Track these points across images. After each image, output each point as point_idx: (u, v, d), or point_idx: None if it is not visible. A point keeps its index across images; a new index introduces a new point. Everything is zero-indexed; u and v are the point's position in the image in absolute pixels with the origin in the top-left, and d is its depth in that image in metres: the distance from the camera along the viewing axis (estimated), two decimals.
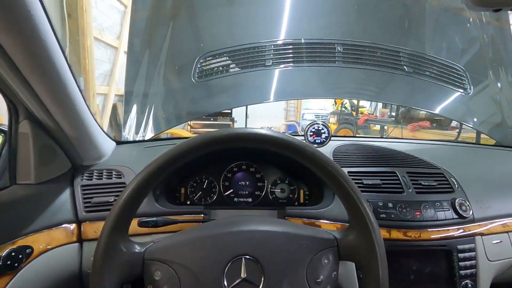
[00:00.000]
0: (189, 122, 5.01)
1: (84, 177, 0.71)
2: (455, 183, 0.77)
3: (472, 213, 0.71)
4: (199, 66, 1.16)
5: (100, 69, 3.72)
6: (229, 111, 4.90)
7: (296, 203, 0.82)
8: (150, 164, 0.44)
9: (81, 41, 3.09)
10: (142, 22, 1.18)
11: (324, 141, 0.77)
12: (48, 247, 0.58)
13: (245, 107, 5.50)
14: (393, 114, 4.43)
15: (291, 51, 1.19)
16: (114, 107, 3.90)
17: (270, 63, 1.16)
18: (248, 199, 0.81)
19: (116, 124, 3.91)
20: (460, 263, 0.68)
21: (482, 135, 1.73)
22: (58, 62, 0.51)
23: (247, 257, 0.43)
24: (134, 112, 1.15)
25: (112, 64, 3.98)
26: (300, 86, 1.20)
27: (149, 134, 1.14)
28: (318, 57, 1.18)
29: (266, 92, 1.18)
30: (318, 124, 0.76)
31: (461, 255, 0.69)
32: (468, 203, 0.72)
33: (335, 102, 7.25)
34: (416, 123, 2.78)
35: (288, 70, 1.18)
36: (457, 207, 0.70)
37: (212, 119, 4.84)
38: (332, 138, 0.86)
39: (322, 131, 0.76)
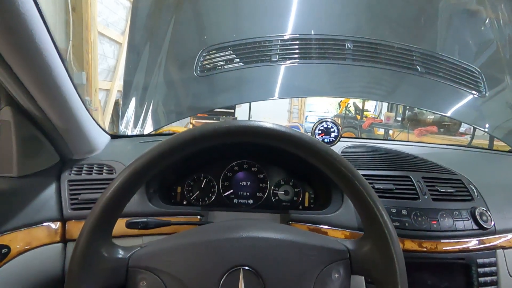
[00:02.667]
0: (191, 120, 4.97)
1: (73, 172, 0.65)
2: (474, 190, 0.71)
3: (494, 224, 0.65)
4: (201, 59, 1.11)
5: (104, 64, 3.69)
6: (232, 110, 4.85)
7: (300, 207, 0.76)
8: (141, 156, 0.38)
9: (84, 35, 3.06)
10: (144, 11, 1.13)
11: (333, 141, 0.71)
12: (27, 247, 0.53)
13: (248, 106, 5.46)
14: (398, 118, 4.36)
15: (298, 46, 1.13)
16: (117, 103, 3.86)
17: (276, 59, 1.11)
18: (249, 201, 0.76)
19: (118, 120, 3.88)
20: (479, 279, 0.62)
21: (496, 141, 1.67)
22: (43, 43, 0.46)
23: (246, 268, 0.37)
24: (133, 105, 1.10)
25: (116, 60, 3.94)
26: (306, 84, 1.15)
27: (148, 129, 1.09)
28: (326, 53, 1.13)
29: (270, 88, 1.13)
30: (328, 121, 0.71)
31: (480, 269, 0.63)
32: (489, 212, 0.66)
33: (339, 105, 7.18)
34: (423, 128, 2.70)
35: (294, 66, 1.13)
36: (478, 217, 0.64)
37: (214, 118, 4.79)
38: (341, 139, 0.80)
39: (332, 129, 0.71)
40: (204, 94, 1.13)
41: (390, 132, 4.13)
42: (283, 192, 0.76)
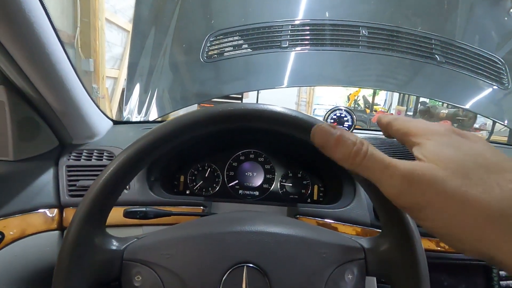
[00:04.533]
0: (198, 108, 4.95)
1: (72, 157, 0.62)
2: None
3: None
4: (208, 45, 1.07)
5: (111, 52, 3.66)
6: (239, 101, 4.80)
7: (308, 200, 0.72)
8: (138, 140, 0.35)
9: (92, 22, 3.03)
10: None
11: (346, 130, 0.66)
12: (22, 234, 0.51)
13: (255, 98, 5.40)
14: (409, 113, 4.25)
15: (309, 32, 1.07)
16: (124, 91, 3.85)
17: (287, 45, 1.05)
18: (254, 192, 0.72)
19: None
20: (501, 282, 0.58)
21: None
22: (34, 15, 0.42)
23: (251, 265, 0.34)
24: (137, 91, 1.07)
25: (124, 48, 3.91)
26: (317, 72, 1.09)
27: (153, 115, 1.06)
28: (339, 40, 1.07)
29: (280, 76, 1.08)
30: (341, 110, 0.66)
31: (502, 272, 0.58)
32: None
33: (348, 98, 7.06)
34: (436, 123, 2.61)
35: (305, 53, 1.07)
36: None
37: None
38: (353, 131, 0.76)
39: (345, 118, 0.66)
40: (210, 81, 1.09)
41: None
42: (290, 184, 0.72)
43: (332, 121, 0.66)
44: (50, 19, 0.46)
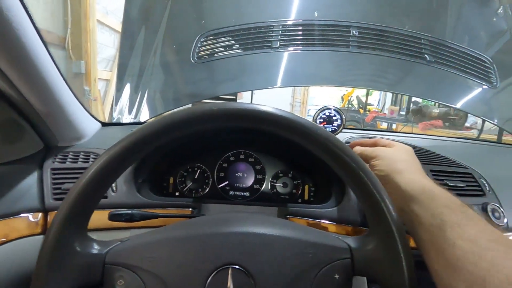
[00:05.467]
0: None
1: (57, 160, 0.61)
2: (486, 185, 0.66)
3: (507, 221, 0.61)
4: (199, 45, 1.06)
5: (104, 53, 3.63)
6: (233, 99, 4.79)
7: (299, 200, 0.72)
8: (122, 140, 0.34)
9: (83, 23, 3.00)
10: None
11: (335, 130, 0.66)
12: (5, 239, 0.49)
13: (249, 99, 5.40)
14: (402, 112, 4.28)
15: (300, 32, 1.08)
16: None
17: (277, 45, 1.05)
18: (245, 193, 0.71)
19: None
20: None
21: (504, 135, 1.61)
22: (16, 18, 0.41)
23: (236, 267, 0.33)
24: (127, 91, 1.06)
25: (116, 49, 3.88)
26: (309, 72, 1.09)
27: (143, 117, 1.05)
28: (330, 40, 1.07)
29: (271, 76, 1.08)
30: (330, 109, 0.66)
31: None
32: (502, 209, 0.61)
33: (342, 98, 7.10)
34: (428, 122, 2.64)
35: (296, 53, 1.07)
36: (490, 214, 0.59)
37: None
38: (343, 130, 0.75)
39: (334, 117, 0.66)
40: (201, 82, 1.08)
41: (394, 126, 4.07)
42: (281, 185, 0.71)
43: (321, 120, 0.66)
44: (31, 17, 0.45)
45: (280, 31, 1.07)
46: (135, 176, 0.60)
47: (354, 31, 1.08)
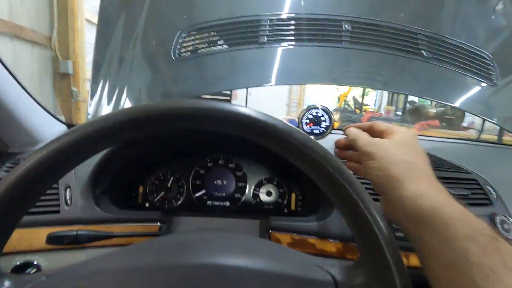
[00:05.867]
0: None
1: (4, 168, 0.53)
2: (493, 192, 0.59)
3: None
4: (180, 41, 0.98)
5: (93, 53, 3.52)
6: (228, 100, 4.71)
7: (285, 210, 0.65)
8: (51, 142, 0.27)
9: (70, 22, 2.90)
10: None
11: (323, 132, 0.59)
12: None
13: (245, 98, 5.32)
14: (399, 112, 4.24)
15: (289, 27, 1.00)
16: None
17: (265, 40, 0.98)
18: (225, 203, 0.64)
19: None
20: None
21: (505, 135, 1.56)
22: None
23: None
24: (102, 90, 0.98)
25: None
26: (298, 69, 1.02)
27: None
28: (321, 35, 1.00)
29: (258, 74, 1.00)
30: (317, 108, 0.59)
31: None
32: (511, 220, 0.54)
33: (338, 99, 7.07)
34: (424, 122, 2.59)
35: (285, 49, 1.00)
36: (498, 226, 0.52)
37: None
38: (333, 131, 0.68)
39: (322, 118, 0.59)
40: (183, 80, 1.00)
41: None
42: (265, 193, 0.64)
43: (308, 121, 0.59)
44: None
45: (267, 26, 1.00)
46: (94, 187, 0.52)
47: (346, 26, 1.01)
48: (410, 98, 3.65)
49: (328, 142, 0.67)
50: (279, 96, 8.79)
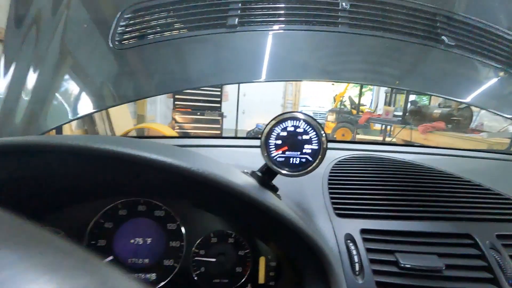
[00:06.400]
0: (173, 116, 4.61)
1: None
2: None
3: None
4: (122, 24, 0.73)
5: None
6: (218, 104, 4.47)
7: (248, 287, 0.39)
8: None
9: None
10: None
11: (307, 164, 0.34)
12: None
13: (236, 100, 5.06)
14: (396, 113, 4.01)
15: (268, 5, 0.75)
16: None
17: (235, 22, 0.73)
18: (147, 276, 0.38)
19: None
20: None
21: None
22: None
23: None
24: (16, 96, 0.72)
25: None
26: (279, 61, 0.77)
27: (41, 128, 0.71)
28: (311, 16, 0.76)
29: (225, 69, 0.75)
30: (297, 119, 0.33)
31: None
32: None
33: (334, 99, 6.87)
34: (428, 124, 2.35)
35: (262, 35, 0.76)
36: None
37: (199, 113, 4.43)
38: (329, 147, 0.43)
39: (305, 136, 0.34)
40: (125, 77, 0.75)
41: (389, 127, 3.79)
42: (214, 260, 0.39)
43: (278, 141, 0.34)
44: None
45: (239, 3, 0.75)
46: None
47: (344, 4, 0.76)
48: (411, 97, 3.43)
49: (324, 163, 0.42)
50: (274, 97, 8.56)
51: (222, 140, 0.76)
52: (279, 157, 0.35)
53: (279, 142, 0.34)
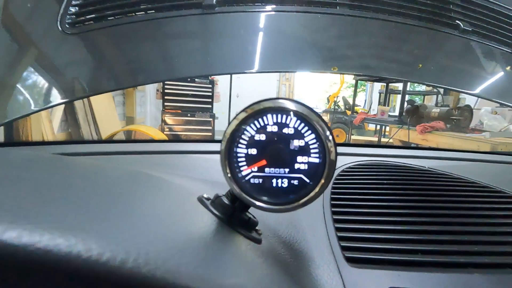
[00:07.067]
0: (163, 117, 4.46)
1: None
2: None
3: None
4: (74, 4, 0.59)
5: None
6: (209, 105, 4.32)
7: None
8: None
9: None
10: None
11: (306, 191, 0.21)
12: None
13: (228, 101, 4.91)
14: (391, 113, 3.93)
15: None
16: None
17: (213, 2, 0.60)
18: None
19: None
20: None
21: None
22: None
23: None
24: None
25: None
26: (267, 50, 0.64)
27: None
28: None
29: (197, 58, 0.62)
30: (283, 107, 0.20)
31: None
32: None
33: (327, 100, 6.79)
34: (427, 124, 2.25)
35: (246, 18, 0.63)
36: None
37: (189, 115, 4.29)
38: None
39: (290, 146, 0.21)
40: (82, 66, 0.61)
41: (383, 127, 3.70)
42: None
43: (252, 151, 0.21)
44: None
45: None
46: None
47: None
48: (407, 96, 3.34)
49: None
50: (267, 93, 8.43)
51: (212, 144, 0.63)
52: (254, 177, 0.22)
53: (253, 151, 0.21)
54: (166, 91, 4.18)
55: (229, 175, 0.22)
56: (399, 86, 4.11)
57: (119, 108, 4.40)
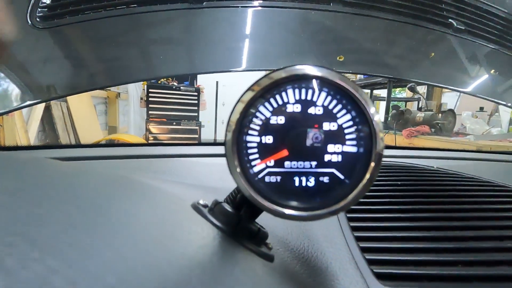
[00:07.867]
0: (147, 126, 4.34)
1: None
2: None
3: None
4: None
5: None
6: (195, 107, 4.23)
7: None
8: None
9: None
10: None
11: (341, 193, 0.16)
12: None
13: (214, 109, 4.85)
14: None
15: None
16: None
17: None
18: None
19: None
20: None
21: None
22: None
23: None
24: None
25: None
26: (257, 48, 0.60)
27: None
28: None
29: (181, 56, 0.58)
30: (311, 75, 0.14)
31: None
32: None
33: None
34: (413, 128, 2.28)
35: (235, 12, 0.59)
36: None
37: (174, 123, 4.20)
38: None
39: (319, 131, 0.16)
40: (55, 64, 0.55)
41: None
42: None
43: (254, 151, 0.16)
44: None
45: None
46: None
47: None
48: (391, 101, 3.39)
49: None
50: None
51: (199, 147, 0.57)
52: (270, 174, 0.17)
53: (269, 139, 0.16)
54: (150, 99, 4.08)
55: (237, 170, 0.16)
56: (382, 93, 4.19)
57: (101, 118, 4.27)
